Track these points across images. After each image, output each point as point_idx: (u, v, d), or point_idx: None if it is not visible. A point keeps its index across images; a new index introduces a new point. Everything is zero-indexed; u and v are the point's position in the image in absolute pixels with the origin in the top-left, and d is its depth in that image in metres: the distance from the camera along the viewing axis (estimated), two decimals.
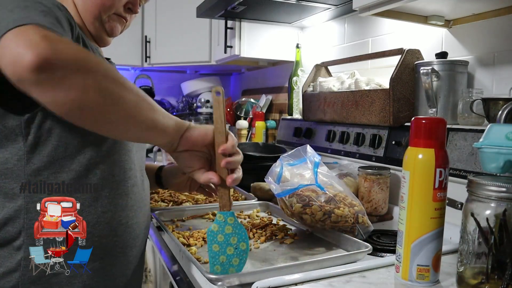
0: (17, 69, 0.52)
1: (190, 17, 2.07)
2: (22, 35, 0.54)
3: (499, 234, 0.63)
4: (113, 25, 0.88)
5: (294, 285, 0.70)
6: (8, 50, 0.53)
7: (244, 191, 1.41)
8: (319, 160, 1.07)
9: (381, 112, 1.28)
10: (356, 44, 1.65)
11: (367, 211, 1.13)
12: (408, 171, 0.69)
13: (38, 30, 0.55)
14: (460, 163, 1.03)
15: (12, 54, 0.53)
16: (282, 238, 0.98)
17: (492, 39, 1.12)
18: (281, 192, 0.99)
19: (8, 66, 0.53)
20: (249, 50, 2.05)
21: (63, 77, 0.54)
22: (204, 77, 3.11)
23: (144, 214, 0.88)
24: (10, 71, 0.53)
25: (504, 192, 0.62)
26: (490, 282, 0.64)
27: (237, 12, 1.79)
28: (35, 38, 0.53)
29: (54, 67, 0.53)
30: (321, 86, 1.61)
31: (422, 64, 1.18)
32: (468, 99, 1.08)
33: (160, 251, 1.15)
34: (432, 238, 0.68)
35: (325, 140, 1.60)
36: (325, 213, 0.96)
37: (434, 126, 0.68)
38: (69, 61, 0.54)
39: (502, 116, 0.81)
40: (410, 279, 0.70)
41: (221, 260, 0.71)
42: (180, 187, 1.09)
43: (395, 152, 1.26)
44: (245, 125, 2.37)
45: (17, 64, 0.52)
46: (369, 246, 0.84)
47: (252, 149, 1.80)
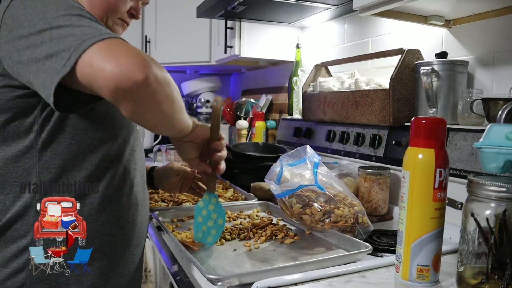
0: (126, 78, 0.57)
1: (190, 17, 2.07)
2: (125, 44, 0.59)
3: (499, 234, 0.63)
4: (116, 29, 0.91)
5: (294, 285, 0.70)
6: (113, 53, 0.58)
7: (244, 191, 1.41)
8: (319, 161, 1.07)
9: (381, 112, 1.28)
10: (356, 44, 1.65)
11: (367, 211, 1.13)
12: (408, 171, 0.69)
13: (129, 46, 0.60)
14: (460, 163, 1.03)
15: (120, 59, 0.57)
16: (282, 238, 0.98)
17: (492, 39, 1.12)
18: (281, 192, 0.99)
19: (110, 69, 0.57)
20: (249, 50, 2.05)
21: (157, 97, 0.63)
22: (204, 77, 3.11)
23: (146, 213, 0.91)
24: (110, 75, 0.57)
25: (504, 192, 0.62)
26: (490, 282, 0.64)
27: (237, 12, 1.79)
28: (138, 55, 0.59)
29: (159, 85, 0.61)
30: (321, 86, 1.61)
31: (422, 64, 1.18)
32: (468, 99, 1.08)
33: (160, 251, 1.15)
34: (432, 238, 0.68)
35: (325, 140, 1.59)
36: (325, 213, 0.96)
37: (434, 126, 0.68)
38: (163, 80, 0.63)
39: (502, 116, 0.80)
40: (410, 279, 0.70)
41: (203, 229, 0.90)
42: (171, 187, 1.13)
43: (395, 152, 1.26)
44: (245, 125, 2.37)
45: (126, 73, 0.57)
46: (369, 246, 0.84)
47: (252, 149, 1.80)
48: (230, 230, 1.03)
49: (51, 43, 0.61)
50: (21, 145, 0.72)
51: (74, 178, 0.74)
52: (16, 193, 0.72)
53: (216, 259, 0.86)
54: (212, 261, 0.85)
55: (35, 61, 0.63)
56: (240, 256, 0.88)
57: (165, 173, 1.14)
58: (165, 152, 2.13)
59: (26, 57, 0.64)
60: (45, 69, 0.62)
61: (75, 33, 0.60)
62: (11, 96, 0.70)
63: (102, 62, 0.58)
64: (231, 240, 0.98)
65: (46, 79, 0.62)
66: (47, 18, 0.64)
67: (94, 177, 0.76)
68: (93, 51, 0.58)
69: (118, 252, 0.80)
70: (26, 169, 0.72)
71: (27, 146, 0.72)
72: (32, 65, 0.63)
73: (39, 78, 0.63)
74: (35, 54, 0.63)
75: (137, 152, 0.87)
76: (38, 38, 0.63)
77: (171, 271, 1.05)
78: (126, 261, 0.83)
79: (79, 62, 0.59)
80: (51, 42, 0.61)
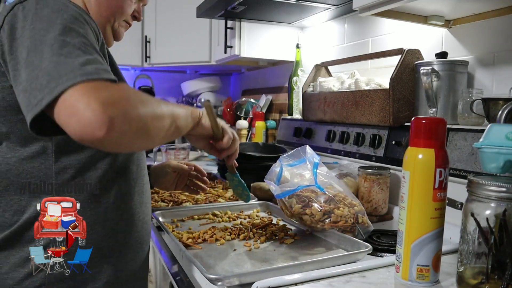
0: (87, 135, 0.56)
1: (190, 17, 2.07)
2: (87, 97, 0.56)
3: (499, 234, 0.63)
4: (120, 30, 0.93)
5: (294, 285, 0.70)
6: (74, 110, 0.56)
7: None
8: (319, 161, 1.07)
9: (381, 112, 1.28)
10: (356, 44, 1.65)
11: (367, 211, 1.13)
12: (408, 171, 0.69)
13: (101, 93, 0.57)
14: (460, 163, 1.03)
15: (80, 117, 0.55)
16: (282, 238, 0.98)
17: (492, 39, 1.12)
18: (281, 193, 0.99)
19: (73, 126, 0.56)
20: (249, 50, 2.05)
21: (128, 138, 0.60)
22: (204, 77, 3.11)
23: (150, 211, 0.93)
24: (74, 130, 0.56)
25: (504, 192, 0.62)
26: (490, 282, 0.64)
27: (237, 12, 1.79)
28: (99, 108, 0.55)
29: (122, 133, 0.58)
30: (321, 86, 1.61)
31: (422, 64, 1.18)
32: (468, 99, 1.08)
33: (160, 251, 1.15)
34: (432, 238, 0.68)
35: (325, 140, 1.59)
36: (324, 213, 0.96)
37: (434, 126, 0.68)
38: (133, 126, 0.60)
39: (502, 116, 0.80)
40: (410, 279, 0.70)
41: (238, 192, 1.10)
42: (167, 185, 1.15)
43: (395, 152, 1.26)
44: (245, 125, 2.37)
45: (87, 130, 0.55)
46: (369, 246, 0.84)
47: (252, 149, 1.80)
48: (230, 230, 1.03)
49: (30, 74, 0.60)
50: (36, 146, 0.72)
51: (90, 178, 0.75)
52: (32, 193, 0.72)
53: (216, 259, 0.86)
54: (212, 261, 0.85)
55: (18, 89, 0.63)
56: (240, 256, 0.88)
57: (162, 171, 1.16)
58: (165, 152, 2.13)
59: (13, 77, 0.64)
60: (21, 99, 0.62)
61: (50, 72, 0.58)
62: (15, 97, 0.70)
63: (65, 118, 0.57)
64: (231, 240, 0.98)
65: (24, 108, 0.61)
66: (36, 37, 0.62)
67: (109, 176, 0.78)
68: (61, 102, 0.57)
69: (131, 249, 0.83)
70: (42, 170, 0.73)
71: (43, 146, 0.72)
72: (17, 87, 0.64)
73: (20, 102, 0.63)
74: (17, 81, 0.63)
75: (142, 152, 0.90)
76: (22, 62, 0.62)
77: (171, 271, 1.05)
78: (139, 257, 0.85)
79: (52, 105, 0.57)
80: (31, 73, 0.60)
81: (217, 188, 1.51)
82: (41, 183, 0.72)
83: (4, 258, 0.72)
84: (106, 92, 0.57)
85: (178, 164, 1.18)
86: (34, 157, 0.72)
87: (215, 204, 1.28)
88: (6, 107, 0.71)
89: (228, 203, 1.30)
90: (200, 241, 0.96)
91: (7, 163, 0.72)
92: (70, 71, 0.58)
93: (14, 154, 0.72)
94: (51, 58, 0.60)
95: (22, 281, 0.71)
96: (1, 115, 0.71)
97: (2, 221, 0.72)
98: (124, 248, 0.81)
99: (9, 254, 0.72)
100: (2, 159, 0.73)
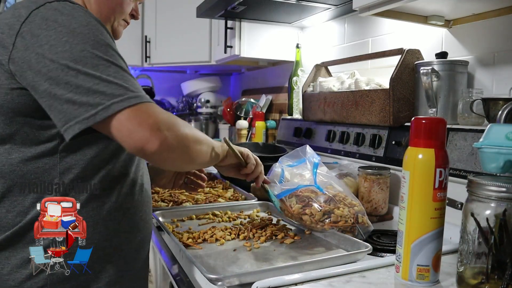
0: (142, 149, 0.65)
1: (190, 17, 2.07)
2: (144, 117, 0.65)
3: (499, 234, 0.63)
4: (120, 29, 0.94)
5: (294, 285, 0.70)
6: (132, 128, 0.65)
7: (244, 191, 1.41)
8: (319, 161, 1.07)
9: (381, 112, 1.28)
10: (356, 44, 1.65)
11: (367, 211, 1.13)
12: (408, 171, 0.69)
13: (156, 114, 0.67)
14: (460, 163, 1.03)
15: (137, 134, 0.65)
16: (282, 238, 0.98)
17: (492, 39, 1.12)
18: (281, 192, 0.99)
19: (130, 141, 0.65)
20: (249, 50, 2.05)
21: (175, 155, 0.71)
22: (204, 77, 3.11)
23: (151, 211, 0.94)
24: (130, 144, 0.66)
25: (504, 192, 0.62)
26: (490, 282, 0.64)
27: (237, 12, 1.79)
28: (153, 127, 0.65)
29: (171, 150, 0.68)
30: (321, 86, 1.61)
31: (422, 64, 1.18)
32: (468, 99, 1.08)
33: (160, 251, 1.15)
34: (432, 238, 0.68)
35: (325, 140, 1.59)
36: (324, 213, 0.96)
37: (434, 126, 0.68)
38: (180, 145, 0.70)
39: (502, 116, 0.80)
40: (410, 279, 0.70)
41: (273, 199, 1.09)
42: (165, 183, 1.16)
43: (395, 152, 1.26)
44: (245, 125, 2.37)
45: (142, 151, 0.65)
46: (369, 246, 0.84)
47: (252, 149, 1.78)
48: (230, 230, 1.03)
49: (77, 89, 0.64)
50: (41, 147, 0.72)
51: (93, 178, 0.75)
52: (35, 194, 0.72)
53: (216, 259, 0.86)
54: (212, 261, 0.85)
55: (51, 97, 0.65)
56: (240, 256, 0.88)
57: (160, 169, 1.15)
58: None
59: (42, 88, 0.65)
60: (61, 109, 0.65)
61: (104, 91, 0.64)
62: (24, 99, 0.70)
63: (121, 136, 0.65)
64: (231, 240, 0.98)
65: (59, 118, 0.65)
66: (73, 53, 0.65)
67: (112, 176, 0.78)
68: (115, 120, 0.64)
69: (134, 249, 0.83)
70: (46, 170, 0.73)
71: (48, 147, 0.72)
72: (46, 98, 0.66)
73: (51, 112, 0.66)
74: (54, 91, 0.64)
75: None
76: (61, 75, 0.64)
77: (171, 271, 1.05)
78: (140, 258, 0.86)
79: (102, 122, 0.64)
80: (78, 89, 0.64)
81: (217, 188, 1.51)
82: (45, 184, 0.72)
83: (5, 259, 0.72)
84: (160, 114, 0.67)
85: None
86: (39, 157, 0.72)
87: (215, 204, 1.28)
88: (14, 108, 0.70)
89: (228, 203, 1.30)
90: (200, 241, 0.96)
91: (11, 163, 0.72)
92: (123, 92, 0.65)
93: (18, 155, 0.72)
94: (99, 80, 0.65)
95: (23, 282, 0.71)
96: (8, 117, 0.71)
97: (5, 222, 0.72)
98: (127, 248, 0.81)
99: (10, 255, 0.72)
100: (6, 160, 0.72)
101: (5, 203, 0.72)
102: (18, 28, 0.67)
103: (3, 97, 0.70)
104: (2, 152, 0.72)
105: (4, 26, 0.68)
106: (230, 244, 0.95)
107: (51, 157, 0.73)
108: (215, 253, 0.89)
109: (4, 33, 0.68)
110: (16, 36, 0.67)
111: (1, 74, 0.69)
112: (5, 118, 0.71)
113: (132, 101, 0.65)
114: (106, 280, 0.77)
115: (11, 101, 0.70)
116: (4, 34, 0.68)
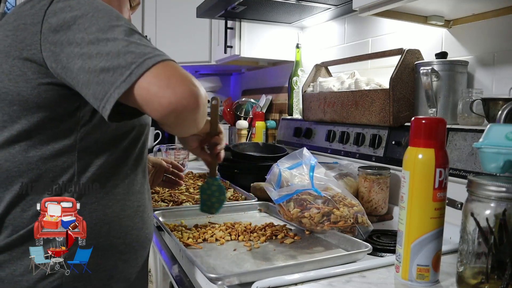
0: (179, 110, 0.62)
1: (190, 17, 2.06)
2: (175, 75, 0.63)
3: (499, 234, 0.63)
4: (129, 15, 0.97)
5: (294, 285, 0.70)
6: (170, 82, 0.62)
7: (244, 191, 1.41)
8: (315, 163, 1.07)
9: (381, 112, 1.28)
10: (356, 44, 1.65)
11: (367, 211, 1.13)
12: (408, 171, 0.69)
13: (180, 70, 0.65)
14: (460, 163, 1.03)
15: (175, 97, 0.61)
16: (282, 238, 0.98)
17: (492, 39, 1.12)
18: (279, 198, 0.99)
19: (168, 96, 0.61)
20: (249, 50, 2.05)
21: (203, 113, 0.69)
22: (204, 77, 3.11)
23: (152, 210, 0.94)
24: (169, 99, 0.61)
25: (504, 192, 0.62)
26: (490, 282, 0.64)
27: (237, 12, 1.79)
28: (190, 83, 0.64)
29: (203, 107, 0.67)
30: (321, 86, 1.61)
31: (422, 64, 1.18)
32: (468, 99, 1.08)
33: (160, 251, 1.15)
34: (432, 238, 0.68)
35: (325, 140, 1.59)
36: (323, 214, 0.96)
37: (434, 126, 0.68)
38: (203, 103, 0.67)
39: (502, 116, 0.80)
40: (410, 279, 0.70)
41: (208, 204, 1.00)
42: None
43: (395, 152, 1.26)
44: (245, 125, 2.37)
45: (182, 107, 0.62)
46: (369, 246, 0.84)
47: (252, 149, 1.80)
48: (230, 230, 1.03)
49: (108, 56, 0.63)
50: (60, 145, 0.72)
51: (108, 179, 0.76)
52: (51, 192, 0.72)
53: (216, 258, 0.86)
54: (212, 261, 0.85)
55: (87, 72, 0.64)
56: (240, 256, 0.88)
57: None
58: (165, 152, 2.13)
59: (76, 66, 0.64)
60: (98, 81, 0.63)
61: (134, 51, 0.63)
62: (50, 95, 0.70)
63: (159, 89, 0.62)
64: (231, 240, 0.98)
65: (99, 92, 0.63)
66: (100, 25, 0.65)
67: (122, 176, 0.79)
68: (151, 75, 0.62)
69: (141, 245, 0.84)
70: (64, 168, 0.72)
71: (66, 145, 0.72)
72: (82, 75, 0.64)
73: (89, 89, 0.64)
74: (88, 64, 0.63)
75: (146, 147, 0.91)
76: (92, 48, 0.64)
77: (171, 271, 1.05)
78: (141, 256, 0.86)
79: (138, 82, 0.61)
80: (108, 55, 0.63)
81: None
82: (63, 182, 0.72)
83: (18, 259, 0.71)
84: (187, 73, 0.65)
85: (157, 159, 1.19)
86: (58, 155, 0.72)
87: None
88: (39, 103, 0.70)
89: (228, 203, 1.30)
90: (200, 241, 0.96)
91: (29, 162, 0.71)
92: (152, 51, 0.64)
93: (36, 152, 0.71)
94: (127, 42, 0.64)
95: (38, 283, 0.71)
96: (32, 112, 0.70)
97: (20, 221, 0.72)
98: (128, 247, 0.81)
99: (23, 256, 0.71)
100: (23, 158, 0.71)
101: (21, 202, 0.72)
102: (42, 15, 0.67)
103: (29, 91, 0.69)
104: (18, 150, 0.71)
105: (26, 17, 0.69)
106: (230, 244, 0.95)
107: (69, 154, 0.72)
108: (215, 253, 0.90)
109: (27, 23, 0.68)
110: (42, 23, 0.67)
111: (28, 69, 0.69)
112: (27, 113, 0.70)
113: (164, 57, 0.64)
114: (121, 277, 0.79)
115: (38, 96, 0.69)
116: (28, 24, 0.68)
